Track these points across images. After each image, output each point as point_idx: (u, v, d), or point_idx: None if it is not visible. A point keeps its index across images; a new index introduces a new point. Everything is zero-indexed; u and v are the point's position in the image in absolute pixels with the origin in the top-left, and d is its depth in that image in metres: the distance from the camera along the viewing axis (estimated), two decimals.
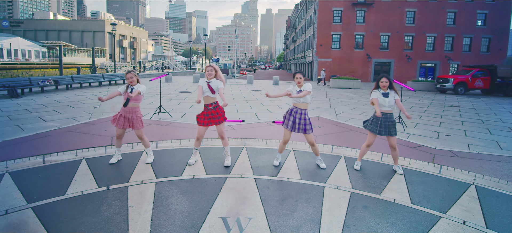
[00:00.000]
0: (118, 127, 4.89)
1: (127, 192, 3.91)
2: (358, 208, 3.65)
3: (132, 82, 4.83)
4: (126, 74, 4.86)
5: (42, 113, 9.20)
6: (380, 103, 4.73)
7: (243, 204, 3.68)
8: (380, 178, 4.64)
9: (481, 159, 5.81)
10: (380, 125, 4.75)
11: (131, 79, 4.83)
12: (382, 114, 4.73)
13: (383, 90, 4.76)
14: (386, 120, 4.74)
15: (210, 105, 4.80)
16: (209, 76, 4.76)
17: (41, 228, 3.01)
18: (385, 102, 4.71)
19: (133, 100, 4.83)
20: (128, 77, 4.84)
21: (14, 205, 3.46)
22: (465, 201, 3.90)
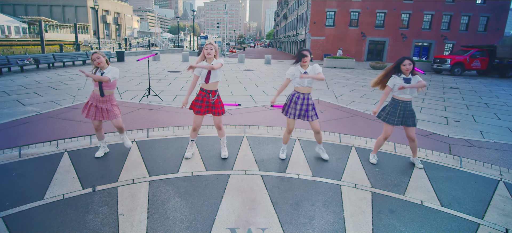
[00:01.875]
0: (91, 119, 4.25)
1: (116, 194, 3.36)
2: (384, 212, 3.20)
3: (100, 64, 4.09)
4: (91, 56, 4.11)
5: (21, 96, 8.42)
6: (401, 89, 4.14)
7: (253, 209, 3.18)
8: (399, 174, 4.19)
9: (499, 149, 5.43)
10: (398, 114, 4.22)
11: (98, 60, 4.07)
12: (402, 102, 4.19)
13: (405, 75, 4.14)
14: (405, 109, 4.19)
15: (209, 92, 4.14)
16: (208, 56, 4.04)
17: None
18: (406, 90, 4.13)
19: (107, 87, 4.17)
20: (94, 58, 4.07)
21: None
22: (499, 203, 3.49)
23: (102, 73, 4.08)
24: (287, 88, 9.89)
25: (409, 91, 4.15)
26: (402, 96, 4.18)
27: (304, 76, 4.01)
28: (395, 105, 4.25)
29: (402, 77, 4.15)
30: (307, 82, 4.17)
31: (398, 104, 4.22)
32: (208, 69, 4.01)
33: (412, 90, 4.15)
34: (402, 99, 4.20)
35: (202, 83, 4.14)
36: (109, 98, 4.26)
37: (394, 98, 4.29)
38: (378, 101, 9.67)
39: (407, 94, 4.15)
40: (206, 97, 4.14)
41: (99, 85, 4.10)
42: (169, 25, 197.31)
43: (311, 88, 4.25)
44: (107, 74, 4.09)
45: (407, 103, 4.20)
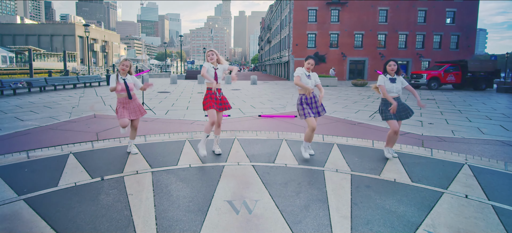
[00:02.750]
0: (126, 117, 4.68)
1: (123, 181, 3.73)
2: (361, 187, 3.67)
3: (124, 69, 4.71)
4: (122, 62, 4.74)
5: (18, 114, 8.69)
6: (388, 89, 4.60)
7: (247, 188, 3.60)
8: (376, 161, 4.70)
9: (467, 143, 6.03)
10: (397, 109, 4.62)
11: (126, 67, 4.71)
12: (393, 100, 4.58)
13: (390, 75, 4.65)
14: (399, 104, 4.65)
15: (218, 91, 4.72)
16: (212, 60, 4.67)
17: (37, 218, 2.81)
18: (392, 88, 4.60)
19: (131, 90, 4.74)
20: (126, 64, 4.71)
21: (4, 198, 3.21)
22: (462, 179, 4.01)
23: (124, 79, 4.66)
24: (286, 95, 10.35)
25: (395, 90, 4.61)
26: (392, 95, 4.63)
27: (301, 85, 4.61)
28: (386, 104, 4.67)
29: (388, 77, 4.64)
30: (311, 84, 4.62)
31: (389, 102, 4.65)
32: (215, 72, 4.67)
33: (397, 89, 4.62)
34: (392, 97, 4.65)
35: (208, 83, 4.66)
36: (135, 98, 4.86)
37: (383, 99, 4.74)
38: (358, 111, 10.33)
39: (394, 92, 4.63)
40: (213, 95, 4.64)
41: (126, 88, 4.65)
42: (155, 52, 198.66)
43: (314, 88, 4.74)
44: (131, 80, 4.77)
45: (397, 99, 4.63)
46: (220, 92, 4.74)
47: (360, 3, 36.24)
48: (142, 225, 2.73)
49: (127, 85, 4.67)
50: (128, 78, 4.74)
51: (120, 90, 4.65)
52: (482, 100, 14.77)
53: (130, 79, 4.77)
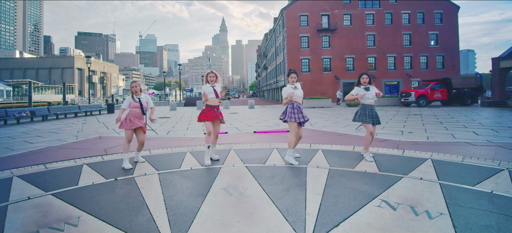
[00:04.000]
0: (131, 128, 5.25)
1: (134, 180, 4.38)
2: (335, 176, 4.35)
3: (136, 91, 5.39)
4: (131, 84, 5.42)
5: (26, 138, 9.33)
6: (365, 97, 5.47)
7: (239, 179, 4.27)
8: (353, 160, 5.39)
9: (437, 145, 6.75)
10: (369, 115, 5.45)
11: (136, 88, 5.38)
12: (368, 106, 5.49)
13: (364, 85, 5.54)
14: (372, 111, 5.49)
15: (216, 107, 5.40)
16: (211, 81, 5.43)
17: (65, 204, 3.44)
18: (368, 96, 5.48)
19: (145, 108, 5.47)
20: (134, 86, 5.38)
21: (34, 193, 3.85)
22: (423, 168, 4.70)
23: (139, 98, 5.35)
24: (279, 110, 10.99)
25: (371, 97, 5.49)
26: (368, 102, 5.51)
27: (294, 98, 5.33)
28: (364, 109, 5.53)
29: (362, 87, 5.54)
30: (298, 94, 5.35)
31: (366, 108, 5.53)
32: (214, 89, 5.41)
33: (373, 96, 5.50)
34: (368, 104, 5.54)
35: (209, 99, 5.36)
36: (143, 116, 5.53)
37: (362, 104, 5.58)
38: (347, 125, 11.06)
39: (370, 99, 5.49)
40: (211, 110, 5.35)
41: (140, 106, 5.36)
42: (154, 82, 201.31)
43: (301, 98, 5.43)
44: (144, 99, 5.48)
45: (372, 107, 5.53)
46: (218, 109, 5.47)
47: (348, 29, 37.99)
48: (153, 205, 3.38)
49: (141, 103, 5.36)
50: (142, 97, 5.44)
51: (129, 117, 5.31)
52: (465, 113, 15.60)
53: (144, 98, 5.48)
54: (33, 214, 3.17)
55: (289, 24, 38.50)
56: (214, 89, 5.38)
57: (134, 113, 5.35)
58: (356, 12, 38.24)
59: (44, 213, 3.19)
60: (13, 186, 4.17)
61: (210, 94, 5.37)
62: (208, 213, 3.14)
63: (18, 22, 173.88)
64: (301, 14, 38.57)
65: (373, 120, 5.44)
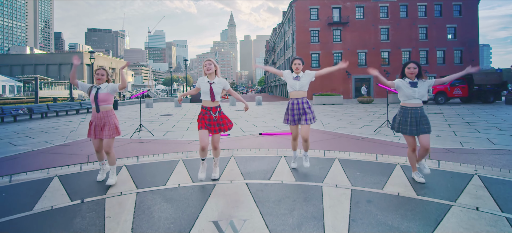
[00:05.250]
0: (92, 138, 4.16)
1: (104, 204, 3.46)
2: (361, 202, 3.35)
3: (100, 80, 4.13)
4: (96, 70, 4.14)
5: (13, 139, 8.55)
6: (407, 94, 3.91)
7: (236, 207, 3.31)
8: (379, 175, 4.37)
9: (476, 153, 5.67)
10: (410, 122, 3.90)
11: (101, 76, 4.12)
12: (411, 109, 3.91)
13: (410, 79, 3.96)
14: (416, 116, 3.88)
15: (210, 109, 4.07)
16: (208, 71, 4.06)
17: None
18: (414, 93, 3.87)
19: (103, 102, 4.06)
20: (99, 73, 4.11)
21: None
22: (472, 190, 3.66)
23: (98, 89, 4.06)
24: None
25: (418, 95, 3.88)
26: (410, 102, 3.92)
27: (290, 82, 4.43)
28: (404, 113, 3.97)
29: (407, 81, 3.95)
30: (298, 86, 4.35)
31: (408, 111, 3.94)
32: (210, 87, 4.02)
33: (420, 94, 3.88)
34: (411, 106, 3.93)
35: (203, 100, 4.11)
36: (107, 114, 4.11)
37: (402, 106, 4.02)
38: (363, 126, 10.00)
39: (415, 99, 3.90)
40: (206, 114, 4.08)
41: (95, 102, 4.02)
42: (163, 77, 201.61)
43: (304, 92, 4.39)
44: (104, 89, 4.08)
45: (417, 109, 3.90)
46: (216, 112, 4.10)
47: (360, 22, 36.50)
48: None
49: (96, 96, 4.03)
50: (103, 88, 4.11)
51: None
52: (491, 112, 14.32)
53: (105, 88, 4.12)
54: None
55: (299, 18, 37.20)
56: (210, 86, 4.02)
57: (94, 113, 4.12)
58: (369, 5, 36.68)
59: None
60: None
61: (204, 95, 4.05)
62: None
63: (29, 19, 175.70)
64: (311, 7, 37.22)
65: (417, 127, 3.88)
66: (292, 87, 4.42)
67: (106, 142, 4.08)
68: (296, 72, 4.39)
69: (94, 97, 4.02)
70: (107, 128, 4.09)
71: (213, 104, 4.08)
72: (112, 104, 4.22)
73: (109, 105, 4.17)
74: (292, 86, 4.42)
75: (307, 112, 4.35)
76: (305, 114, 4.35)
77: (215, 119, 4.08)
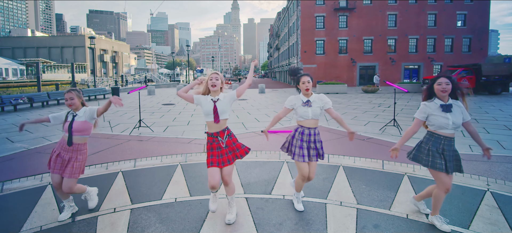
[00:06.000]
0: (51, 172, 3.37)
1: (95, 223, 3.29)
2: (368, 228, 3.15)
3: (72, 105, 3.37)
4: (64, 95, 3.40)
5: (11, 134, 8.41)
6: (440, 125, 2.94)
7: (235, 231, 3.11)
8: (385, 189, 4.16)
9: (487, 161, 5.43)
10: (443, 155, 2.96)
11: (71, 101, 3.35)
12: (444, 138, 2.97)
13: (443, 100, 2.99)
14: (449, 148, 2.97)
15: (221, 134, 3.24)
16: (214, 88, 3.22)
17: None
18: (447, 123, 2.90)
19: (78, 133, 3.35)
20: (67, 98, 3.35)
21: None
22: (486, 212, 3.45)
23: (74, 116, 3.38)
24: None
25: (452, 124, 2.91)
26: (443, 131, 2.97)
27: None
28: (436, 142, 3.01)
29: (438, 104, 2.99)
30: (311, 114, 3.31)
31: (440, 141, 2.99)
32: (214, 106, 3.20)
33: (455, 123, 2.92)
34: (445, 135, 2.97)
35: (207, 124, 3.27)
36: (78, 147, 3.38)
37: (432, 134, 3.06)
38: (368, 122, 9.74)
39: (449, 128, 2.93)
40: (215, 143, 3.24)
41: (68, 130, 3.33)
42: (166, 61, 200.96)
43: (317, 121, 3.39)
44: (81, 116, 3.38)
45: (451, 140, 2.98)
46: (224, 136, 3.25)
47: (367, 8, 35.64)
48: None
49: (71, 126, 3.33)
50: (80, 115, 3.40)
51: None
52: (498, 106, 13.99)
53: (83, 115, 3.41)
54: None
55: (304, 3, 36.38)
56: (214, 105, 3.18)
57: (62, 142, 3.41)
58: None
59: None
60: None
61: (208, 116, 3.20)
62: None
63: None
64: None
65: (451, 164, 2.96)
66: (303, 116, 3.32)
67: (66, 181, 3.30)
68: (306, 94, 3.35)
69: (68, 126, 3.34)
70: (71, 165, 3.33)
71: (220, 127, 3.23)
72: (88, 136, 3.51)
73: (85, 137, 3.45)
74: (302, 116, 3.32)
75: (318, 147, 3.38)
76: (316, 149, 3.38)
77: (226, 146, 3.25)
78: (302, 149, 3.32)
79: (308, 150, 3.34)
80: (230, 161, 3.22)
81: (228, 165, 3.21)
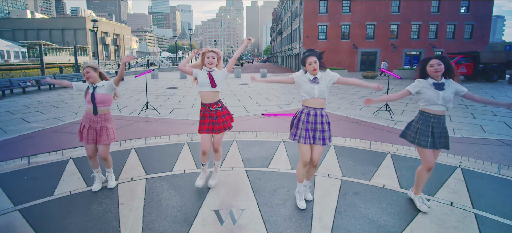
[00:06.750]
0: (85, 143, 3.74)
1: (117, 189, 3.86)
2: (349, 194, 3.70)
3: (89, 78, 3.63)
4: (82, 70, 3.64)
5: (25, 115, 8.97)
6: (428, 97, 3.09)
7: (235, 196, 3.68)
8: (369, 165, 4.70)
9: (465, 142, 5.96)
10: (431, 133, 3.14)
11: (88, 74, 3.60)
12: (433, 116, 3.12)
13: (435, 79, 3.10)
14: (438, 126, 3.14)
15: (212, 105, 3.64)
16: (210, 65, 3.60)
17: (29, 230, 2.95)
18: (437, 97, 3.04)
19: (101, 104, 3.68)
20: (84, 73, 3.60)
21: (1, 208, 3.37)
22: (452, 184, 3.99)
23: (95, 88, 3.67)
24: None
25: (442, 101, 3.05)
26: (433, 109, 3.11)
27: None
28: (425, 121, 3.17)
29: (431, 82, 3.10)
30: (318, 92, 3.15)
31: (430, 119, 3.15)
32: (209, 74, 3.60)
33: (446, 100, 3.05)
34: (434, 113, 3.12)
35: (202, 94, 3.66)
36: (105, 117, 3.74)
37: (423, 112, 3.20)
38: (363, 107, 10.23)
39: (439, 104, 3.07)
40: (207, 111, 3.66)
41: (92, 102, 3.64)
42: (167, 44, 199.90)
43: (324, 100, 3.22)
44: (101, 89, 3.68)
45: (441, 118, 3.13)
46: (215, 107, 3.66)
47: None
48: None
49: (93, 97, 3.64)
50: (99, 86, 3.69)
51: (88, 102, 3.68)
52: (491, 93, 14.44)
53: (102, 87, 3.70)
54: None
55: None
56: (210, 76, 3.57)
57: (88, 115, 3.72)
58: None
59: None
60: None
61: (203, 86, 3.59)
62: None
63: None
64: None
65: (439, 140, 3.16)
66: (309, 93, 3.17)
67: (103, 148, 3.75)
68: (313, 73, 3.19)
69: (90, 97, 3.64)
70: (105, 133, 3.72)
71: (213, 98, 3.61)
72: (110, 106, 3.84)
73: (108, 107, 3.77)
74: (308, 92, 3.17)
75: (325, 129, 3.23)
76: (323, 131, 3.22)
77: (216, 117, 3.66)
78: (307, 130, 3.18)
79: (314, 131, 3.20)
80: (220, 130, 3.66)
81: (218, 133, 3.69)
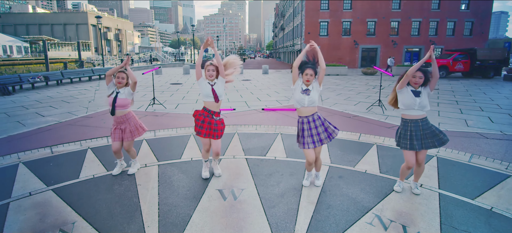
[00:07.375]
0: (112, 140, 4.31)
1: (134, 173, 4.44)
2: (334, 177, 4.28)
3: (121, 83, 4.10)
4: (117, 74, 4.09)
5: (39, 109, 9.56)
6: (406, 102, 3.48)
7: (236, 179, 4.26)
8: (356, 154, 5.27)
9: (449, 135, 6.49)
10: (410, 136, 3.54)
11: (122, 80, 4.09)
12: (410, 121, 3.53)
13: (414, 87, 3.49)
14: (416, 128, 3.51)
15: (212, 112, 4.02)
16: (211, 78, 3.96)
17: (63, 204, 3.54)
18: (414, 103, 3.43)
19: (120, 107, 4.12)
20: (119, 77, 4.06)
21: (36, 188, 3.97)
22: (427, 170, 4.55)
23: (118, 93, 4.10)
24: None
25: (418, 106, 3.42)
26: (410, 113, 3.50)
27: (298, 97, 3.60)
28: (405, 126, 3.59)
29: (410, 89, 3.50)
30: (307, 102, 3.53)
31: (408, 124, 3.54)
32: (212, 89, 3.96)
33: (421, 104, 3.42)
34: (411, 118, 3.51)
35: (205, 102, 4.04)
36: (127, 117, 4.23)
37: (402, 118, 3.63)
38: (358, 102, 10.79)
39: (416, 108, 3.45)
40: (208, 117, 4.02)
41: (112, 105, 4.05)
42: (169, 39, 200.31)
43: (315, 108, 3.63)
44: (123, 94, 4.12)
45: (417, 122, 3.50)
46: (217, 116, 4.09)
47: None
48: (147, 210, 3.43)
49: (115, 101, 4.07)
50: (121, 92, 4.14)
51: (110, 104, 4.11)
52: (484, 89, 14.93)
53: (124, 93, 4.15)
54: (32, 217, 3.28)
55: None
56: (212, 89, 3.92)
57: (114, 118, 4.25)
58: None
59: (42, 216, 3.29)
60: (18, 177, 4.31)
61: (206, 97, 3.97)
62: (198, 223, 3.16)
63: None
64: None
65: (416, 143, 3.52)
66: (299, 103, 3.56)
67: (126, 143, 4.28)
68: (306, 84, 3.54)
69: (112, 101, 4.07)
70: (128, 131, 4.25)
71: (216, 108, 4.02)
72: (129, 108, 4.28)
73: (126, 109, 4.21)
74: (299, 102, 3.56)
75: (326, 126, 3.69)
76: (326, 129, 3.67)
77: (216, 124, 4.03)
78: (312, 136, 3.61)
79: (318, 134, 3.61)
80: (218, 136, 4.04)
81: (216, 139, 4.05)
